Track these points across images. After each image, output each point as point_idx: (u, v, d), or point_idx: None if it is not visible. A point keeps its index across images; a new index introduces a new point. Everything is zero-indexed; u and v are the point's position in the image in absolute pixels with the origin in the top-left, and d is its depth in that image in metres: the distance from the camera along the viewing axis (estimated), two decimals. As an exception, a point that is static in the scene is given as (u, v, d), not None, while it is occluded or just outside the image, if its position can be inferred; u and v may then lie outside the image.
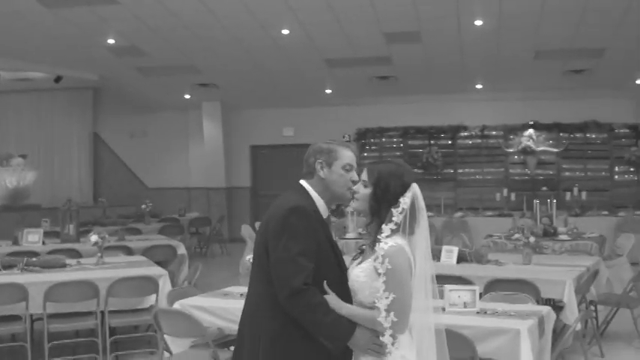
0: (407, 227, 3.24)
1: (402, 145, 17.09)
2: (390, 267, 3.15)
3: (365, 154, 17.26)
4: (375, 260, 3.20)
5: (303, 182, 3.53)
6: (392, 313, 3.14)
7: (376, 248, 3.21)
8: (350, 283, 3.31)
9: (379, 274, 3.16)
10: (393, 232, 3.22)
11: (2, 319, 7.00)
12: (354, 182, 3.47)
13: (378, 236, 3.23)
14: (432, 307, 3.34)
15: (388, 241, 3.19)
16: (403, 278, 3.18)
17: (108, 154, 19.56)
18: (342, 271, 3.41)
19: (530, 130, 16.07)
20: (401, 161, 3.45)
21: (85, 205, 16.08)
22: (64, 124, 18.98)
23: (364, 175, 3.35)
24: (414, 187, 3.30)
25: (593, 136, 15.96)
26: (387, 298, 3.15)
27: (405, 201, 3.25)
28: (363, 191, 3.33)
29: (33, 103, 18.90)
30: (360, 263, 3.35)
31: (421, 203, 3.30)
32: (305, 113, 17.88)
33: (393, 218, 3.23)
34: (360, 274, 3.27)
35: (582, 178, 15.84)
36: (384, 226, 3.23)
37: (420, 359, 3.27)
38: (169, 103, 18.20)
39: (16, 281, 6.93)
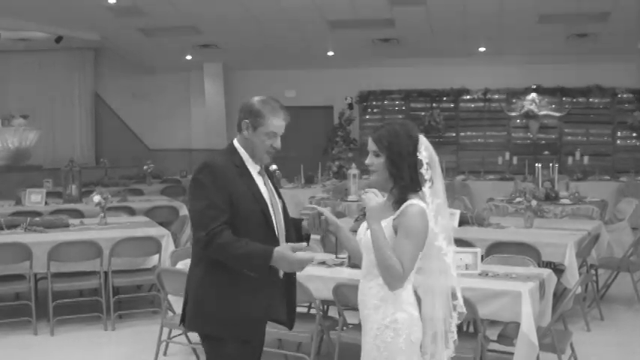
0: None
1: (404, 107, 17.03)
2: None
3: (367, 117, 17.23)
4: (394, 219, 3.23)
5: (236, 137, 3.67)
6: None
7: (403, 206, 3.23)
8: (364, 243, 3.34)
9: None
10: (430, 188, 3.27)
11: (6, 278, 7.07)
12: (275, 148, 3.59)
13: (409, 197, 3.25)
14: (451, 267, 3.36)
15: (414, 202, 3.23)
16: (420, 235, 3.21)
17: (109, 114, 19.50)
18: (266, 216, 3.54)
19: (533, 94, 16.00)
20: (399, 119, 3.47)
21: (87, 166, 16.07)
22: (65, 85, 18.91)
23: (371, 146, 3.34)
24: (423, 139, 3.34)
25: (596, 100, 15.90)
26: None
27: (424, 155, 3.28)
28: (377, 161, 3.32)
29: (34, 64, 18.78)
30: None
31: (432, 152, 3.34)
32: (307, 75, 17.79)
33: (425, 177, 3.27)
34: None
35: (584, 142, 15.81)
36: (424, 189, 3.26)
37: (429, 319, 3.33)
38: (171, 64, 18.10)
39: (20, 241, 6.98)
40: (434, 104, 16.74)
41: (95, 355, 6.44)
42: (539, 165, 10.76)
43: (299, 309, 5.79)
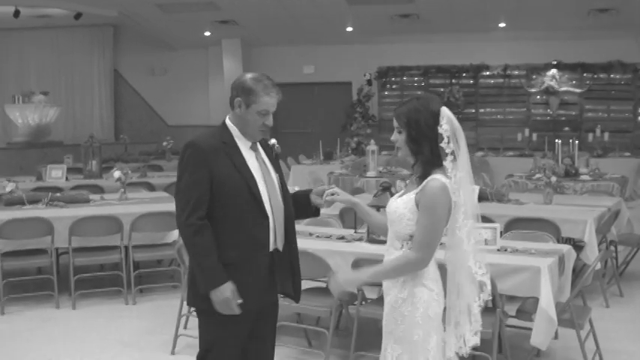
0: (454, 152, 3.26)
1: (423, 84, 16.94)
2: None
3: (386, 93, 17.17)
4: (417, 193, 3.23)
5: (228, 115, 3.70)
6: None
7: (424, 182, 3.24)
8: (389, 215, 3.35)
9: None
10: (452, 162, 3.22)
11: (29, 253, 7.15)
12: (267, 126, 3.60)
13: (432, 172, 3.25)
14: (473, 242, 3.36)
15: (436, 176, 3.21)
16: (439, 211, 3.20)
17: (128, 91, 19.58)
18: (253, 191, 3.54)
19: (554, 70, 15.87)
20: (422, 94, 3.44)
21: (107, 142, 16.18)
22: (84, 61, 18.98)
23: (395, 123, 3.35)
24: (445, 111, 3.27)
25: (617, 76, 15.74)
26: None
27: (444, 129, 3.23)
28: (400, 138, 3.33)
29: (53, 40, 18.87)
30: (400, 196, 3.37)
31: (456, 124, 3.27)
32: (326, 51, 17.73)
33: (447, 151, 3.23)
34: (400, 205, 3.30)
35: (605, 118, 15.68)
36: (444, 163, 3.23)
37: (453, 294, 3.34)
38: (189, 40, 18.10)
39: (42, 216, 7.06)
40: (453, 80, 16.66)
41: (116, 328, 6.51)
42: (559, 141, 10.69)
43: (318, 284, 5.84)
